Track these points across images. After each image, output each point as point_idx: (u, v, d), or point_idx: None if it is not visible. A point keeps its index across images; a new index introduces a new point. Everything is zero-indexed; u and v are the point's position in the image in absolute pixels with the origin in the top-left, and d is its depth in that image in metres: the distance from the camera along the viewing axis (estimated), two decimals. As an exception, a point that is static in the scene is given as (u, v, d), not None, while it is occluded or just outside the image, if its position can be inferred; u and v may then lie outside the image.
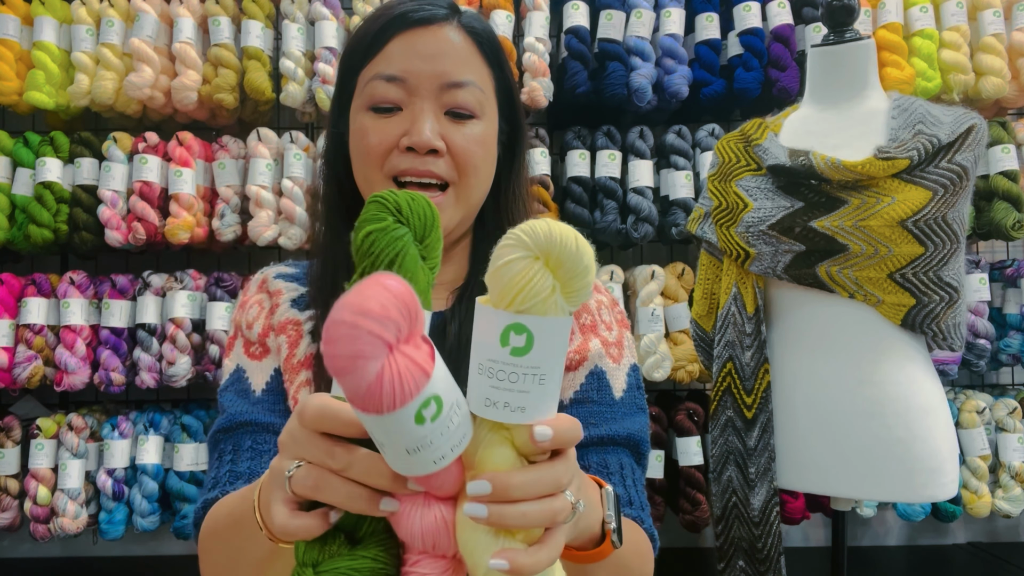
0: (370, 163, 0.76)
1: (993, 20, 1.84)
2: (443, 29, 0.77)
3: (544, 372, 0.44)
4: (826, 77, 1.25)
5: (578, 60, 1.83)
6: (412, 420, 0.39)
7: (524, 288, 0.43)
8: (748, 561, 1.23)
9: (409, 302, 0.38)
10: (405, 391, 0.38)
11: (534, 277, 0.43)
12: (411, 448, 0.41)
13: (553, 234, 0.43)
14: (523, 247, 0.43)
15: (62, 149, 1.85)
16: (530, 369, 0.43)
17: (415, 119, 0.75)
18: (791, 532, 2.05)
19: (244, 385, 0.81)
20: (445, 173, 0.75)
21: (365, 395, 0.38)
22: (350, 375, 0.37)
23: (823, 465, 1.16)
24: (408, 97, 0.75)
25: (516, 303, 0.43)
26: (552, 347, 0.44)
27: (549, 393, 0.45)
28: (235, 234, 1.84)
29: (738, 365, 1.23)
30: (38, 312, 1.81)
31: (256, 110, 1.91)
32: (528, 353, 0.43)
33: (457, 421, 0.43)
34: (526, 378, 0.44)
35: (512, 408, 0.44)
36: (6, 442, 1.82)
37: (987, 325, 1.82)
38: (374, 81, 0.76)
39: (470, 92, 0.76)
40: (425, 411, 0.40)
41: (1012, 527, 2.10)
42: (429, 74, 0.75)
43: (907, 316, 1.12)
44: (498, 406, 0.44)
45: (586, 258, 0.44)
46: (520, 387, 0.44)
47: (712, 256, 1.30)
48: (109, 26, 1.83)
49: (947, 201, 1.10)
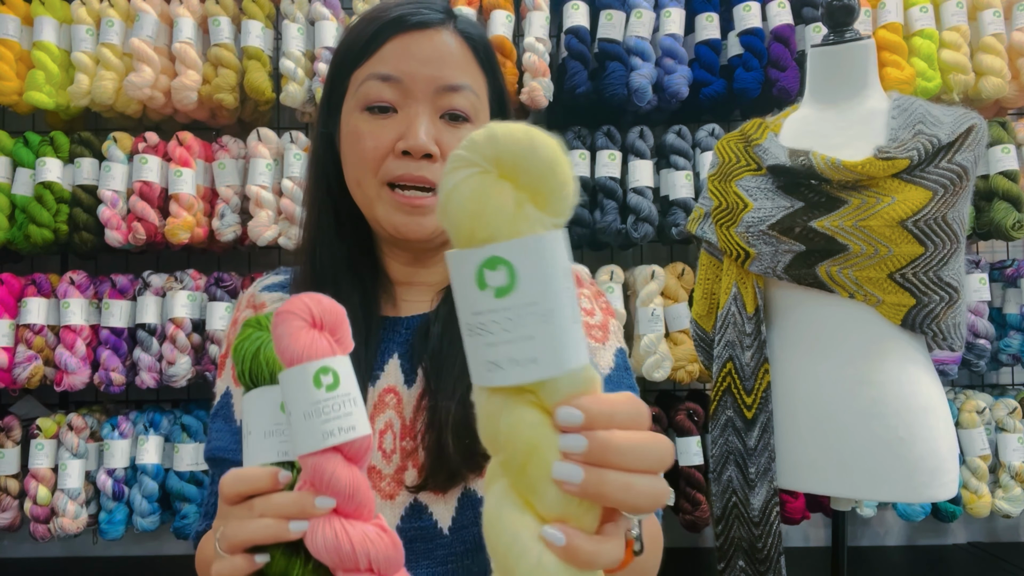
0: (364, 167, 0.76)
1: (993, 20, 1.84)
2: (439, 33, 0.76)
3: (546, 306, 0.35)
4: (826, 77, 1.25)
5: (578, 60, 1.83)
6: (311, 379, 0.48)
7: (478, 209, 0.35)
8: (748, 561, 1.23)
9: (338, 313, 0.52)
10: (313, 349, 0.49)
11: (488, 192, 0.35)
12: (307, 411, 0.48)
13: (494, 135, 0.35)
14: (464, 164, 0.35)
15: (62, 149, 1.85)
16: (525, 307, 0.35)
17: (411, 122, 0.74)
18: (791, 532, 2.05)
19: (229, 412, 0.83)
20: (439, 178, 0.75)
21: (287, 343, 0.49)
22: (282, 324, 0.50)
23: (823, 465, 1.16)
24: (403, 99, 0.75)
25: (476, 235, 0.35)
26: (545, 272, 0.35)
27: (563, 332, 0.35)
28: (235, 234, 1.84)
29: (738, 365, 1.23)
30: (38, 312, 1.81)
31: (256, 110, 1.91)
32: (516, 289, 0.35)
33: (348, 410, 0.49)
34: (524, 320, 0.35)
35: (520, 363, 0.35)
36: (6, 442, 1.82)
37: (987, 325, 1.82)
38: (369, 81, 0.75)
39: (465, 96, 0.76)
40: (323, 377, 0.48)
41: (1012, 527, 2.10)
42: (425, 77, 0.75)
43: (907, 316, 1.12)
44: (502, 366, 0.36)
45: (545, 151, 0.35)
46: (521, 333, 0.35)
47: (712, 256, 1.30)
48: (109, 26, 1.83)
49: (947, 201, 1.10)
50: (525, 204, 0.35)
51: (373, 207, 0.77)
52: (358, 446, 0.50)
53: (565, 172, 0.36)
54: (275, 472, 0.53)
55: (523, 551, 0.36)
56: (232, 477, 0.53)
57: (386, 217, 0.76)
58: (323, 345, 0.50)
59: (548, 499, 0.36)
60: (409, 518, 0.75)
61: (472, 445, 0.72)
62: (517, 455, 0.37)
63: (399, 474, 0.76)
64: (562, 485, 0.36)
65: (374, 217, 0.78)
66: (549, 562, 0.35)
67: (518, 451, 0.37)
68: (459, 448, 0.72)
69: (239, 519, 0.52)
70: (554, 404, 0.36)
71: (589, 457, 0.36)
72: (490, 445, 0.39)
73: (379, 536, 0.50)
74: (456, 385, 0.74)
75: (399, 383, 0.78)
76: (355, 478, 0.50)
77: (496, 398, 0.37)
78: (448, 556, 0.75)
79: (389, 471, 0.76)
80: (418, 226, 0.76)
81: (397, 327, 0.82)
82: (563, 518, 0.36)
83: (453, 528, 0.75)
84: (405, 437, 0.76)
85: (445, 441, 0.72)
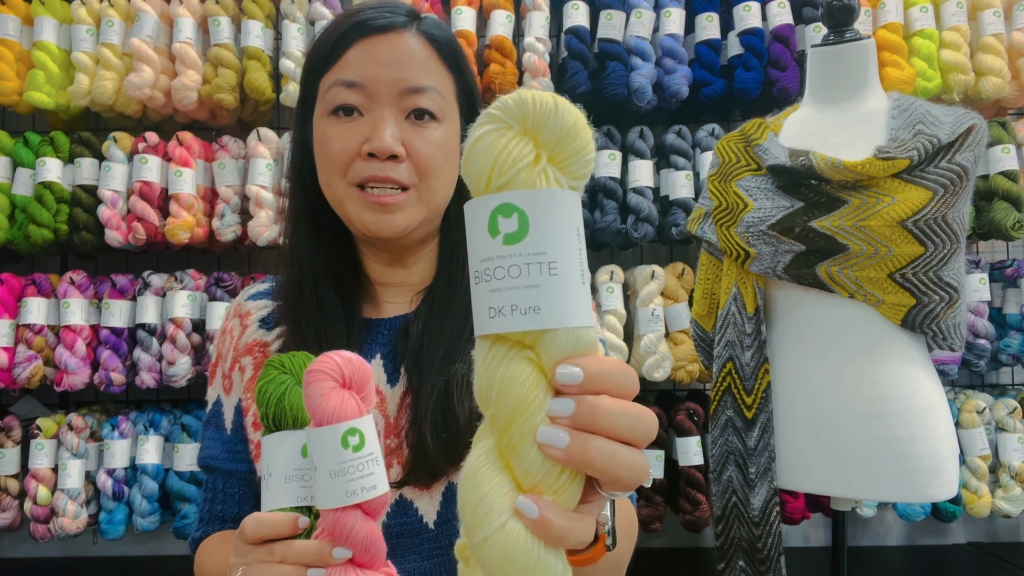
0: (333, 170, 0.77)
1: (993, 20, 1.84)
2: (402, 36, 0.77)
3: (553, 259, 0.35)
4: (826, 77, 1.25)
5: (578, 60, 1.83)
6: (340, 439, 0.51)
7: (498, 158, 0.36)
8: (748, 561, 1.23)
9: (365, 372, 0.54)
10: (343, 410, 0.51)
11: (508, 144, 0.36)
12: (333, 471, 0.51)
13: (523, 98, 0.37)
14: (491, 120, 0.37)
15: (62, 149, 1.85)
16: (533, 256, 0.35)
17: (376, 125, 0.75)
18: (791, 532, 2.05)
19: (220, 420, 0.85)
20: (406, 178, 0.76)
21: (318, 403, 0.51)
22: (312, 385, 0.52)
23: (823, 465, 1.16)
24: (368, 103, 0.76)
25: (494, 179, 0.36)
26: (556, 226, 0.36)
27: (569, 288, 0.36)
28: (235, 234, 1.84)
29: (738, 365, 1.23)
30: (38, 312, 1.81)
31: (256, 110, 1.91)
32: (525, 237, 0.35)
33: (371, 470, 0.52)
34: (531, 268, 0.35)
35: (523, 311, 0.35)
36: (6, 442, 1.82)
37: (987, 325, 1.81)
38: (335, 87, 0.76)
39: (430, 97, 0.77)
40: (350, 438, 0.51)
41: (1012, 527, 2.10)
42: (389, 80, 0.75)
43: (907, 316, 1.12)
44: (504, 312, 0.36)
45: (569, 116, 0.37)
46: (526, 281, 0.35)
47: (712, 256, 1.30)
48: (109, 26, 1.83)
49: (947, 201, 1.10)
50: (543, 160, 0.37)
51: (343, 206, 0.78)
52: (378, 503, 0.53)
53: (585, 138, 0.37)
54: (295, 519, 0.57)
55: (490, 512, 0.35)
56: (255, 521, 0.57)
57: (356, 216, 0.77)
58: (352, 407, 0.52)
59: (528, 462, 0.36)
60: (395, 514, 0.77)
61: (452, 439, 0.74)
62: (505, 410, 0.36)
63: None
64: (545, 449, 0.35)
65: (346, 216, 0.79)
66: (514, 529, 0.35)
67: (506, 406, 0.36)
68: (439, 443, 0.74)
69: (260, 562, 0.55)
70: (553, 362, 0.36)
71: (576, 421, 0.36)
72: (483, 398, 0.38)
73: None
74: (436, 382, 0.76)
75: (382, 383, 0.80)
76: (372, 531, 0.53)
77: (496, 349, 0.37)
78: (434, 550, 0.76)
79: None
80: (388, 223, 0.77)
81: (379, 328, 0.83)
82: (540, 488, 0.36)
83: (438, 522, 0.76)
84: (389, 435, 0.78)
85: (425, 437, 0.74)
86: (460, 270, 0.82)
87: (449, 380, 0.76)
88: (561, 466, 0.36)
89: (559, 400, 0.36)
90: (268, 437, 0.60)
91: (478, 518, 0.36)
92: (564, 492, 0.36)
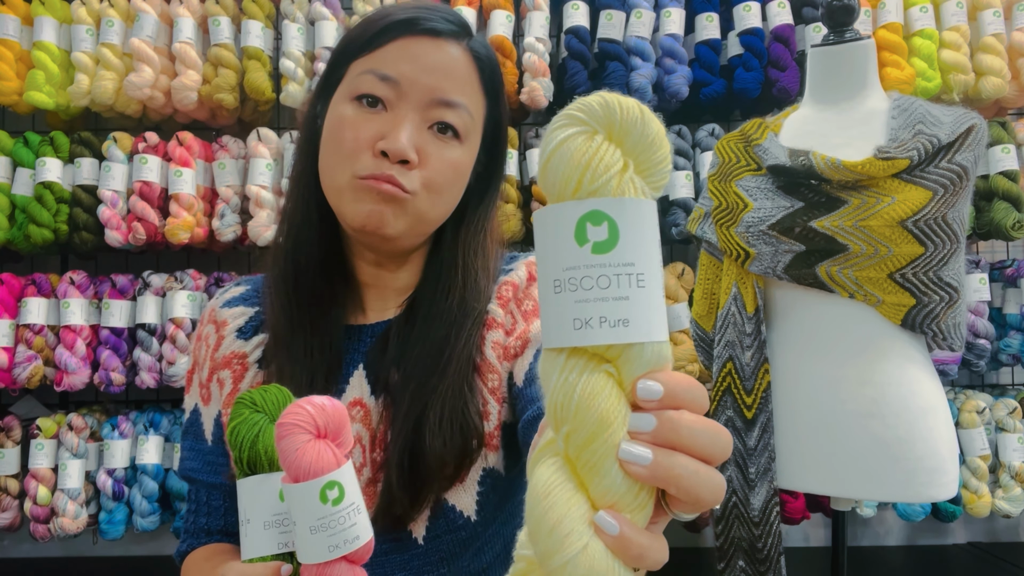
0: (339, 156, 0.73)
1: (993, 20, 1.84)
2: (448, 45, 0.74)
3: (641, 271, 0.35)
4: (826, 77, 1.25)
5: (578, 60, 1.83)
6: (318, 494, 0.50)
7: (589, 164, 0.35)
8: (748, 561, 1.23)
9: (341, 416, 0.53)
10: (319, 464, 0.50)
11: (599, 150, 0.35)
12: (314, 526, 0.50)
13: (610, 103, 0.36)
14: (576, 123, 0.36)
15: (62, 149, 1.85)
16: (623, 267, 0.34)
17: (396, 124, 0.71)
18: (791, 532, 2.05)
19: (199, 430, 0.83)
20: (408, 185, 0.71)
21: (293, 458, 0.50)
22: (286, 439, 0.50)
23: (823, 465, 1.16)
24: (396, 100, 0.72)
25: (584, 186, 0.35)
26: (643, 237, 0.35)
27: (654, 302, 0.35)
28: (235, 234, 1.84)
29: (738, 365, 1.23)
30: (38, 312, 1.81)
31: (256, 110, 1.91)
32: (616, 247, 0.34)
33: (353, 521, 0.51)
34: (620, 280, 0.34)
35: (612, 323, 0.34)
36: (6, 442, 1.82)
37: (987, 325, 1.81)
38: (366, 75, 0.72)
39: (459, 114, 0.74)
40: (329, 492, 0.50)
41: (1012, 527, 2.10)
42: (423, 85, 0.72)
43: (907, 316, 1.12)
44: (592, 324, 0.34)
45: (654, 125, 0.36)
46: (616, 293, 0.34)
47: (712, 256, 1.30)
48: (109, 26, 1.83)
49: (947, 201, 1.10)
50: (631, 169, 0.36)
51: (341, 198, 0.73)
52: (362, 552, 0.53)
53: (666, 149, 0.37)
54: (277, 568, 0.55)
55: (569, 534, 0.34)
56: (237, 573, 0.56)
57: (352, 209, 0.72)
58: (329, 458, 0.51)
59: (608, 480, 0.34)
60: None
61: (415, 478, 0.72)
62: (586, 425, 0.35)
63: (371, 486, 0.75)
64: (628, 466, 0.34)
65: (340, 211, 0.74)
66: (596, 550, 0.33)
67: (588, 421, 0.35)
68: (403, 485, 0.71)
69: None
70: (633, 377, 0.35)
71: (658, 438, 0.34)
72: (558, 414, 0.36)
73: None
74: (405, 418, 0.73)
75: (365, 395, 0.77)
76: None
77: (573, 362, 0.35)
78: (423, 566, 0.75)
79: (360, 484, 0.76)
80: (381, 218, 0.72)
81: (362, 336, 0.80)
82: (617, 506, 0.34)
83: (427, 538, 0.74)
84: (375, 449, 0.75)
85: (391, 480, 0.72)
86: (443, 295, 0.78)
87: (422, 417, 0.72)
88: (640, 484, 0.35)
89: (641, 415, 0.35)
90: (244, 481, 0.58)
91: (557, 541, 0.34)
92: (642, 511, 0.35)
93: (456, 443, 0.72)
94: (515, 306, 0.81)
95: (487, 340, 0.78)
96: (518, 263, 0.85)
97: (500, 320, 0.79)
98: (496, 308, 0.79)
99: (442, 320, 0.77)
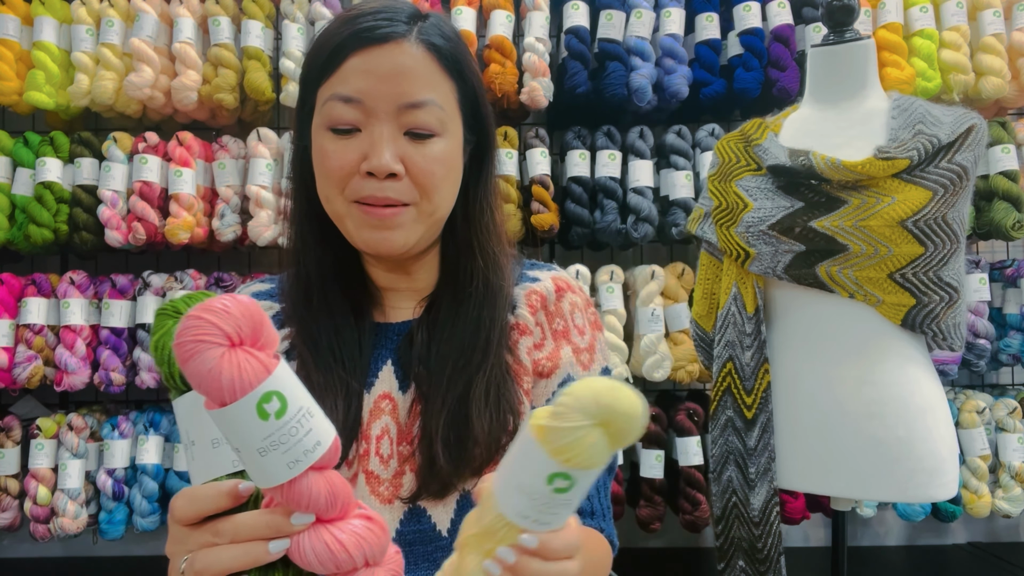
0: (331, 186, 0.76)
1: (993, 20, 1.84)
2: (400, 46, 0.74)
3: (576, 499, 0.48)
4: (826, 77, 1.25)
5: (578, 60, 1.83)
6: (255, 413, 0.41)
7: (583, 455, 0.45)
8: (748, 561, 1.23)
9: (253, 311, 0.43)
10: (244, 380, 0.41)
11: (595, 445, 0.45)
12: (261, 448, 0.42)
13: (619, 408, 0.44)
14: (587, 415, 0.45)
15: (62, 149, 1.85)
16: (566, 500, 0.47)
17: (374, 143, 0.73)
18: (791, 532, 2.05)
19: None
20: (405, 196, 0.74)
21: (208, 380, 0.41)
22: (193, 360, 0.40)
23: (823, 465, 1.16)
24: (366, 119, 0.73)
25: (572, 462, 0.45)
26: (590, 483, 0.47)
27: (573, 508, 0.49)
28: (235, 234, 1.83)
29: (738, 365, 1.23)
30: (38, 312, 1.81)
31: (256, 110, 1.91)
32: (569, 491, 0.47)
33: (307, 428, 0.44)
34: (561, 507, 0.48)
35: (541, 524, 0.49)
36: (6, 442, 1.82)
37: (987, 325, 1.81)
38: (332, 101, 0.74)
39: (429, 112, 0.74)
40: (267, 405, 0.42)
41: (1012, 527, 2.10)
42: (387, 95, 0.73)
43: (907, 316, 1.12)
44: (529, 520, 0.48)
45: (642, 422, 0.45)
46: (553, 512, 0.48)
47: (712, 256, 1.30)
48: (109, 26, 1.83)
49: (947, 201, 1.10)
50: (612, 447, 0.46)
51: (343, 222, 0.77)
52: (328, 457, 0.46)
53: (643, 426, 0.46)
54: (234, 486, 0.47)
55: None
56: (186, 499, 0.48)
57: (356, 233, 0.76)
58: (254, 368, 0.42)
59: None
60: (408, 522, 0.76)
61: (467, 453, 0.73)
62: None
63: (397, 478, 0.76)
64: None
65: (346, 231, 0.78)
66: None
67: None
68: (450, 459, 0.73)
69: (206, 546, 0.47)
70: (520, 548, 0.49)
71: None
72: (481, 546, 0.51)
73: (368, 530, 0.48)
74: (446, 395, 0.75)
75: (393, 389, 0.79)
76: (331, 485, 0.46)
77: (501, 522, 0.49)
78: (447, 558, 0.75)
79: (387, 476, 0.77)
80: (387, 241, 0.75)
81: (388, 333, 0.82)
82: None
83: (452, 530, 0.75)
84: (402, 442, 0.77)
85: (437, 453, 0.73)
86: (467, 280, 0.81)
87: (466, 394, 0.75)
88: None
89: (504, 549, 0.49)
90: (179, 400, 0.49)
91: None
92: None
93: (501, 418, 0.75)
94: (544, 318, 0.84)
95: (520, 345, 0.81)
96: (541, 272, 0.88)
97: (531, 328, 0.82)
98: (527, 314, 0.82)
99: (471, 302, 0.80)
